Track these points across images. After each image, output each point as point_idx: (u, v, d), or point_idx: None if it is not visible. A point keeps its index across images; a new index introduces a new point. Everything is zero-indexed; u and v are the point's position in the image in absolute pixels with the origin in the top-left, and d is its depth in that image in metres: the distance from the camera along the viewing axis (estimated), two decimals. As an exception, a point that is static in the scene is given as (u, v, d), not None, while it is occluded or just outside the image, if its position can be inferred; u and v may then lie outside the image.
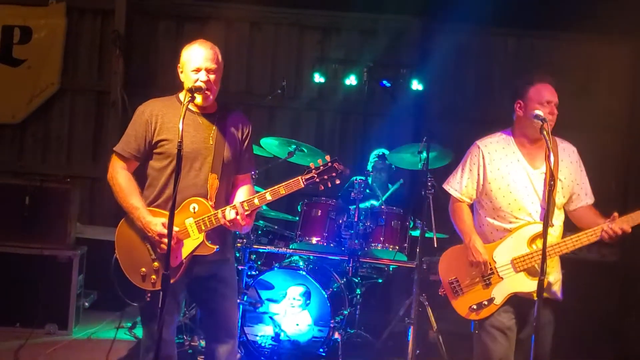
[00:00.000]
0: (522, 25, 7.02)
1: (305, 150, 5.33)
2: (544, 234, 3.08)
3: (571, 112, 6.67)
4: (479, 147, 3.58)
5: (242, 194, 3.42)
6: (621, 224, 3.23)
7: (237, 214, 3.18)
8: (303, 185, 3.19)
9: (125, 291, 3.36)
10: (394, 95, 6.67)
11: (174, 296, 3.34)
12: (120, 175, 3.36)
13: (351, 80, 6.62)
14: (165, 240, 3.13)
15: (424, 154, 5.04)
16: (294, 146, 5.25)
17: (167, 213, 3.22)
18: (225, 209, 3.22)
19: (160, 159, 3.34)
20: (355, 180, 5.27)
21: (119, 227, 3.41)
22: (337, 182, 3.20)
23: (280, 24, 7.31)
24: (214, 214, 3.22)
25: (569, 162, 3.50)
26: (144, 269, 3.28)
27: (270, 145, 5.40)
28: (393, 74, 6.66)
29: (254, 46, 7.29)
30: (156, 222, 3.22)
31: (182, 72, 3.39)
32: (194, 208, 3.25)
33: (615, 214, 3.26)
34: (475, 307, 3.47)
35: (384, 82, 6.33)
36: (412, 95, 6.86)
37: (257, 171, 4.73)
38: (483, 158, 3.53)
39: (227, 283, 3.46)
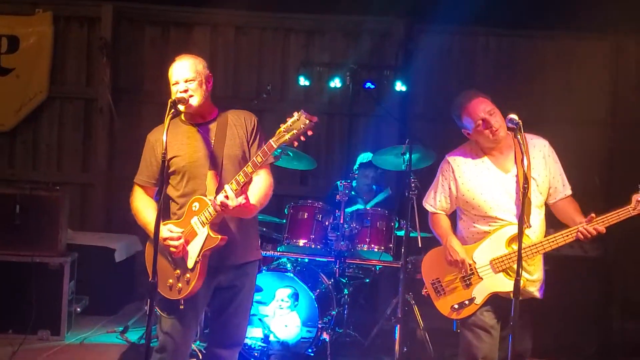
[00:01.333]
0: (503, 24, 7.12)
1: (291, 154, 5.43)
2: (519, 236, 3.16)
3: (553, 108, 6.92)
4: (449, 162, 3.70)
5: (253, 185, 3.42)
6: (596, 224, 3.30)
7: (226, 196, 3.17)
8: (276, 146, 3.12)
9: (162, 307, 3.42)
10: (377, 97, 6.77)
11: (194, 309, 3.41)
12: (136, 199, 3.54)
13: (335, 82, 6.69)
14: (172, 242, 3.28)
15: (407, 156, 5.15)
16: (279, 150, 5.30)
17: (178, 221, 3.37)
18: (217, 197, 3.25)
19: (174, 176, 3.45)
20: (340, 183, 5.36)
21: (146, 250, 3.50)
22: (310, 133, 3.09)
23: (265, 28, 7.38)
24: (210, 204, 3.27)
25: (541, 157, 3.54)
26: (170, 280, 3.35)
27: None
28: (377, 76, 6.76)
29: (239, 51, 7.35)
30: (162, 229, 3.31)
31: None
32: (195, 206, 3.32)
33: (593, 214, 3.33)
34: (456, 306, 3.56)
35: (368, 84, 6.43)
36: (397, 96, 6.95)
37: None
38: (453, 172, 3.64)
39: (244, 296, 3.52)
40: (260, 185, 3.42)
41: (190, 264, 3.29)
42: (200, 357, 4.82)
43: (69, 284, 5.54)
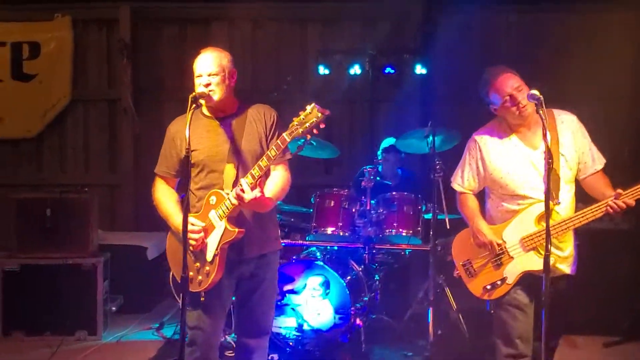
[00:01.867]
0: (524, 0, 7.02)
1: (314, 143, 5.42)
2: (546, 212, 3.11)
3: (579, 84, 6.81)
4: (475, 141, 3.66)
5: (270, 180, 3.46)
6: (625, 198, 3.26)
7: (242, 190, 3.20)
8: (289, 140, 3.16)
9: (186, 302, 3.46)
10: (398, 82, 6.73)
11: (220, 300, 3.46)
12: (157, 190, 3.59)
13: (355, 69, 6.67)
14: (193, 235, 3.30)
15: (431, 138, 5.12)
16: (302, 140, 5.32)
17: (197, 214, 3.39)
18: (233, 190, 3.28)
19: (193, 169, 3.46)
20: (365, 169, 5.35)
21: (167, 241, 3.58)
22: (322, 125, 3.14)
23: (282, 19, 7.37)
24: (227, 199, 3.30)
25: (570, 133, 3.49)
26: (191, 273, 3.36)
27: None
28: (396, 60, 6.72)
29: (257, 43, 7.36)
30: (180, 224, 3.33)
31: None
32: (213, 200, 3.35)
33: (620, 190, 3.29)
34: (489, 287, 3.53)
35: (387, 69, 6.41)
36: (417, 79, 6.90)
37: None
38: (480, 150, 3.61)
39: (267, 284, 3.55)
40: (277, 180, 3.45)
41: (209, 256, 3.33)
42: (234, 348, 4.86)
43: (103, 283, 5.62)
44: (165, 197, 3.55)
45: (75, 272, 5.52)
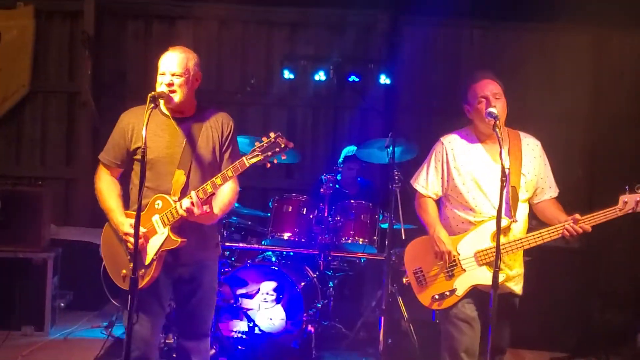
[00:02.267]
0: (488, 17, 7.11)
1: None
2: (497, 228, 3.15)
3: (537, 102, 6.94)
4: (442, 144, 3.64)
5: (219, 194, 3.43)
6: (582, 223, 3.30)
7: (191, 203, 3.21)
8: (248, 165, 3.15)
9: (114, 295, 3.44)
10: (362, 90, 6.78)
11: (158, 299, 3.43)
12: (101, 180, 3.53)
13: (320, 75, 6.68)
14: (132, 239, 3.23)
15: (391, 149, 5.16)
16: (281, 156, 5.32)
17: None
18: (181, 200, 3.27)
19: (138, 165, 3.40)
20: (325, 176, 5.37)
21: (102, 234, 3.54)
22: (283, 157, 3.15)
23: (249, 21, 7.34)
24: (174, 206, 3.28)
25: (533, 157, 3.55)
26: (124, 271, 3.37)
27: (241, 144, 5.43)
28: (361, 69, 6.74)
29: (223, 44, 7.32)
30: (125, 223, 3.34)
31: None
32: (158, 204, 3.32)
33: (577, 215, 3.32)
34: (437, 297, 3.54)
35: (352, 77, 6.44)
36: (381, 89, 6.95)
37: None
38: (447, 154, 3.60)
39: (205, 288, 3.53)
40: (225, 194, 3.45)
41: (147, 260, 3.30)
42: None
43: (53, 279, 5.53)
44: (108, 189, 3.49)
45: (25, 266, 5.43)
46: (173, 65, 3.37)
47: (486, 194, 3.48)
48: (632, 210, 3.25)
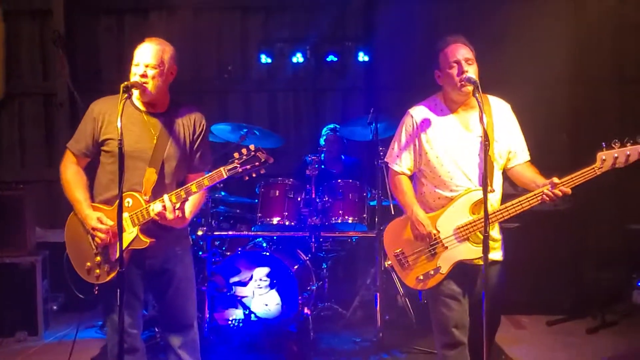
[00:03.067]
0: (465, -14, 7.09)
1: (257, 133, 5.37)
2: (484, 194, 3.05)
3: (518, 69, 6.90)
4: (411, 116, 3.50)
5: (191, 198, 3.39)
6: (561, 186, 3.18)
7: (164, 207, 3.20)
8: (225, 176, 3.15)
9: (78, 286, 3.41)
10: (341, 70, 6.73)
11: (132, 291, 3.38)
12: (68, 170, 3.45)
13: (298, 57, 6.62)
14: (100, 234, 3.25)
15: (374, 125, 5.13)
16: (245, 130, 5.28)
17: (107, 208, 3.32)
18: (154, 202, 3.24)
19: (106, 156, 3.39)
20: (309, 157, 5.32)
21: (67, 223, 3.46)
22: (262, 171, 3.17)
23: (223, 8, 7.24)
24: (145, 207, 3.25)
25: (504, 120, 3.44)
26: (88, 263, 3.34)
27: (223, 132, 5.41)
28: (339, 48, 6.70)
29: (198, 33, 7.20)
30: (92, 217, 3.28)
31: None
32: (129, 202, 3.27)
33: (555, 179, 3.20)
34: (422, 277, 3.43)
35: (330, 57, 6.40)
36: (361, 67, 6.91)
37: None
38: (417, 127, 3.46)
39: (180, 278, 3.50)
40: (196, 198, 3.41)
41: (113, 257, 3.26)
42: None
43: (42, 282, 5.47)
44: (75, 179, 3.41)
45: (13, 271, 5.37)
46: (147, 57, 3.32)
47: (460, 165, 3.37)
48: (611, 166, 3.14)
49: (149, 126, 3.37)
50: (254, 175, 3.17)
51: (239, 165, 3.13)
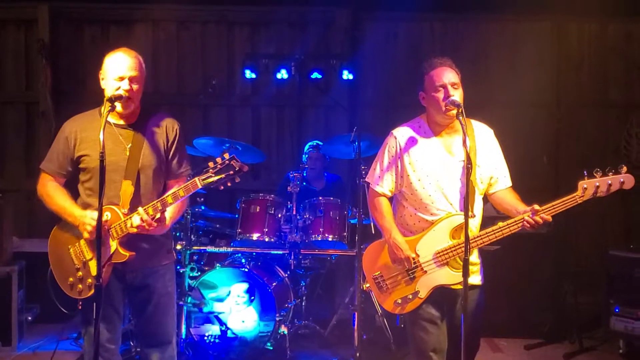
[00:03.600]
0: (447, 9, 7.13)
1: (240, 148, 5.36)
2: (465, 218, 3.04)
3: (500, 92, 6.99)
4: (395, 137, 3.49)
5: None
6: (542, 214, 3.18)
7: (141, 220, 3.18)
8: (200, 186, 3.14)
9: (62, 302, 3.38)
10: (325, 87, 6.75)
11: (112, 305, 3.36)
12: (46, 186, 3.41)
13: (282, 74, 6.63)
14: (88, 227, 3.21)
15: (357, 143, 5.14)
16: (227, 145, 5.27)
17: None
18: (131, 216, 3.22)
19: (83, 173, 3.37)
20: (291, 174, 5.32)
21: (50, 239, 3.44)
22: (237, 180, 3.14)
23: (208, 22, 7.24)
24: (124, 220, 3.23)
25: (487, 145, 3.45)
26: (71, 279, 3.32)
27: (205, 146, 5.40)
28: (323, 65, 6.71)
29: (182, 46, 7.20)
30: (85, 214, 3.25)
31: (103, 79, 3.38)
32: (107, 216, 3.24)
33: (536, 206, 3.20)
34: (400, 301, 3.41)
35: (314, 74, 6.42)
36: (344, 85, 6.93)
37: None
38: (400, 148, 3.44)
39: (160, 293, 3.47)
40: (176, 205, 3.36)
41: (94, 271, 3.23)
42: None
43: (18, 292, 5.40)
44: (55, 191, 3.38)
45: (-12, 280, 5.29)
46: (131, 69, 3.30)
47: (442, 189, 3.36)
48: (593, 196, 3.15)
49: (123, 138, 3.34)
50: (229, 184, 3.15)
51: (213, 175, 3.12)
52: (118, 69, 3.30)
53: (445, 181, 3.37)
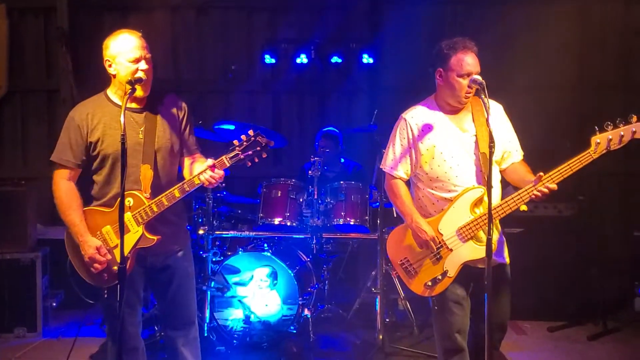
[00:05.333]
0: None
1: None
2: (488, 193, 3.04)
3: (522, 74, 6.89)
4: (405, 120, 3.48)
5: (197, 164, 3.38)
6: (546, 182, 3.17)
7: (211, 168, 3.15)
8: (228, 164, 3.13)
9: (84, 291, 3.36)
10: (346, 72, 6.71)
11: (133, 288, 3.36)
12: (60, 188, 3.33)
13: (302, 58, 6.61)
14: (97, 265, 3.21)
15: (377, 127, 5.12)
16: (249, 129, 5.25)
17: (107, 210, 3.29)
18: (196, 174, 3.19)
19: (98, 160, 3.32)
20: (312, 158, 5.30)
21: (66, 232, 3.38)
22: (264, 155, 3.12)
23: (228, 8, 7.22)
24: (149, 205, 3.22)
25: (499, 121, 3.44)
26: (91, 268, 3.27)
27: (226, 131, 5.39)
28: (343, 50, 6.68)
29: (202, 32, 7.20)
30: (91, 245, 3.23)
31: (111, 65, 3.32)
32: (130, 202, 3.23)
33: (540, 173, 3.19)
34: (430, 283, 3.38)
35: (334, 58, 6.38)
36: (365, 69, 6.89)
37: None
38: (412, 130, 3.43)
39: (181, 274, 3.47)
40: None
41: (119, 258, 3.17)
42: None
43: (42, 278, 5.46)
44: (68, 199, 3.30)
45: (13, 267, 5.37)
46: (145, 50, 3.28)
47: (457, 165, 3.35)
48: (606, 149, 3.15)
49: (134, 123, 3.31)
50: (256, 160, 3.13)
51: (240, 152, 3.12)
52: (132, 51, 3.25)
53: (460, 157, 3.38)
